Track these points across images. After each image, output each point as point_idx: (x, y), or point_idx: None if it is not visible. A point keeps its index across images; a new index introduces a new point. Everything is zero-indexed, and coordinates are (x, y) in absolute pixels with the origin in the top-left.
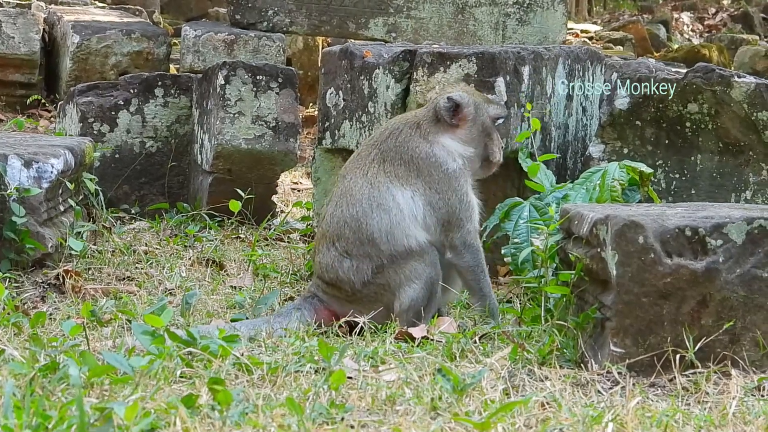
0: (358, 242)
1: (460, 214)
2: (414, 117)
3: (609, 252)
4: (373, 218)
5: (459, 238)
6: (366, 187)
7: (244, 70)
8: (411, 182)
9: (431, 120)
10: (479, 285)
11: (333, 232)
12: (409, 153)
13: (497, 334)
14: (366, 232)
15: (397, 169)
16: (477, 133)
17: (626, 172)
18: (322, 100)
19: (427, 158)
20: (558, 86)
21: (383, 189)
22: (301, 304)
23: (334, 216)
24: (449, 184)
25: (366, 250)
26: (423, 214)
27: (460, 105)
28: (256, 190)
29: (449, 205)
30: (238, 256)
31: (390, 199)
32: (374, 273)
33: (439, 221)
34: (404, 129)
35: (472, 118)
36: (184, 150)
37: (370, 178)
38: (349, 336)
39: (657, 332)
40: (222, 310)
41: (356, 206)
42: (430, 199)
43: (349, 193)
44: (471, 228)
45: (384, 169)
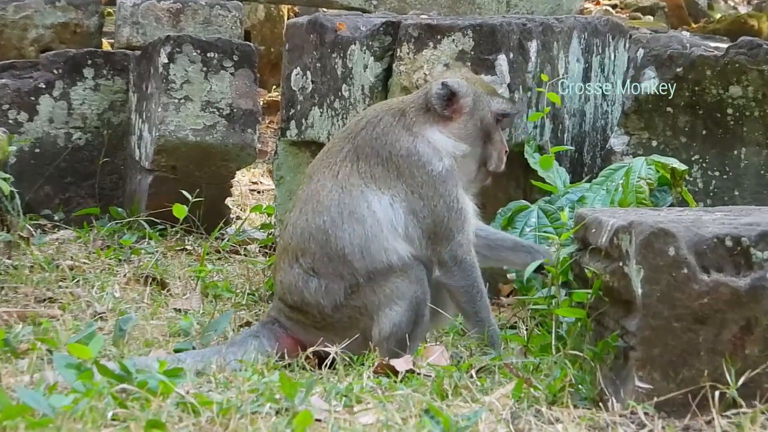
0: (326, 258)
1: (449, 223)
2: (399, 103)
3: (633, 266)
4: (344, 230)
5: (448, 252)
6: (336, 191)
7: (193, 46)
8: (390, 185)
9: (420, 108)
10: (474, 308)
11: (296, 245)
12: (388, 148)
13: (498, 366)
14: (335, 246)
15: (374, 168)
16: (473, 130)
17: (655, 169)
18: (286, 82)
19: (408, 155)
20: (572, 65)
21: (356, 194)
22: (260, 331)
23: (297, 226)
24: (434, 189)
25: (336, 268)
26: (405, 225)
27: (457, 93)
28: (207, 192)
29: (435, 214)
30: (183, 273)
31: (364, 206)
32: (348, 294)
33: (425, 233)
34: (384, 118)
35: (469, 111)
36: (119, 143)
37: (342, 180)
38: (318, 369)
39: (691, 364)
40: (164, 338)
41: (323, 215)
42: (412, 207)
43: (316, 198)
44: (463, 240)
45: (358, 169)
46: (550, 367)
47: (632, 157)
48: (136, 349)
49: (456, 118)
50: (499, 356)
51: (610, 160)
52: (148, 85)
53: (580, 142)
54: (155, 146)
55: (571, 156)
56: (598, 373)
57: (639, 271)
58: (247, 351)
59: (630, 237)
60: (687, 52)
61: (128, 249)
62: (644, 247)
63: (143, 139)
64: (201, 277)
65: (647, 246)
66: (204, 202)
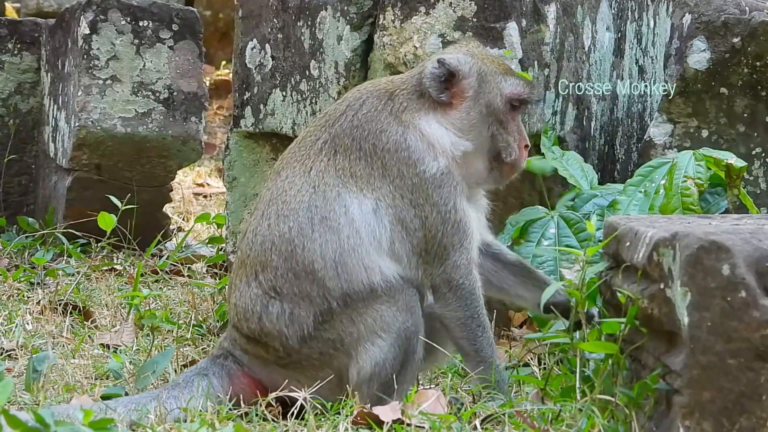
0: (292, 275)
1: (443, 239)
2: (387, 84)
3: (678, 289)
4: (314, 240)
5: (441, 274)
6: (307, 190)
7: (121, 13)
8: (374, 186)
9: (412, 92)
10: (475, 345)
11: (255, 258)
12: (371, 139)
13: (508, 415)
14: (302, 260)
15: (354, 164)
16: (478, 119)
17: (706, 165)
18: (239, 57)
19: (396, 149)
20: (601, 35)
21: (331, 195)
22: (209, 368)
23: (257, 233)
24: (427, 194)
25: (304, 288)
26: (390, 237)
27: (457, 73)
28: (140, 197)
29: (427, 227)
30: (112, 299)
31: (341, 211)
32: (318, 323)
33: (415, 249)
34: (368, 101)
35: (473, 94)
36: (29, 136)
37: (314, 177)
38: (283, 419)
39: (751, 411)
40: (88, 382)
41: (289, 220)
42: (401, 215)
43: (282, 198)
44: (460, 260)
45: (335, 165)
46: (573, 415)
47: (677, 150)
48: (55, 396)
49: (456, 105)
50: (510, 402)
51: (648, 154)
52: (65, 62)
53: (611, 132)
54: (75, 140)
55: (599, 150)
56: (634, 423)
57: (685, 294)
58: (193, 396)
59: (674, 252)
60: (746, 17)
61: (42, 269)
62: (691, 265)
63: (59, 130)
64: (134, 305)
65: (695, 263)
66: (137, 209)
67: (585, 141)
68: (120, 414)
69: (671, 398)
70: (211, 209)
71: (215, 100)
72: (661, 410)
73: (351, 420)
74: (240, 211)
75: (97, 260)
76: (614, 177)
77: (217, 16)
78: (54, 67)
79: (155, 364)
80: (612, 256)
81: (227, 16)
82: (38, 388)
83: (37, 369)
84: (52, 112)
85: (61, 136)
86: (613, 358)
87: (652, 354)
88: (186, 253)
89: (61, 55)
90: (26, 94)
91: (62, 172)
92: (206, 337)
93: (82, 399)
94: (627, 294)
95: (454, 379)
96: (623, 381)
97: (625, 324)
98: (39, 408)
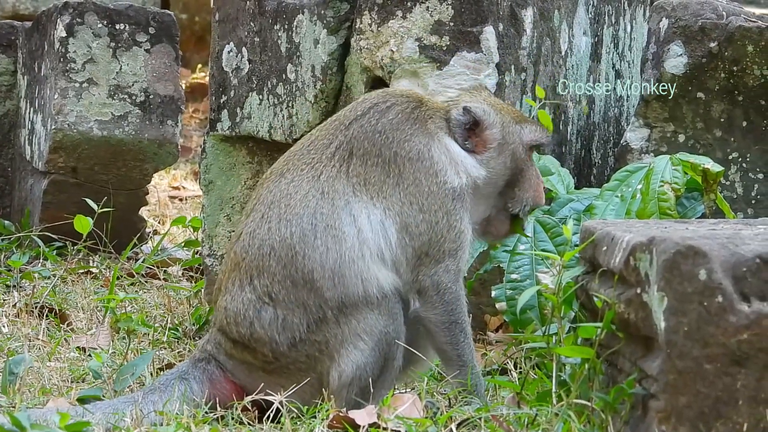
0: (290, 283)
1: (445, 244)
2: (418, 94)
3: (655, 294)
4: (316, 247)
5: (432, 276)
6: (314, 195)
7: (97, 16)
8: (385, 194)
9: (442, 116)
10: (457, 350)
11: (252, 261)
12: (393, 147)
13: (484, 419)
14: (302, 267)
15: (370, 170)
16: (501, 168)
17: (682, 170)
18: (216, 61)
19: (419, 159)
20: (578, 39)
21: (339, 203)
22: (189, 372)
23: (255, 236)
24: (442, 203)
25: (300, 297)
26: (395, 246)
27: (482, 122)
28: (116, 200)
29: (434, 231)
30: (88, 302)
31: (347, 220)
32: (311, 329)
33: (416, 253)
34: (396, 106)
35: (498, 145)
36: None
37: (324, 183)
38: (259, 423)
39: (728, 416)
40: (65, 385)
41: (292, 224)
42: (406, 220)
43: (285, 201)
44: (452, 266)
45: (348, 170)
46: (549, 420)
47: (653, 155)
48: (31, 399)
49: (481, 152)
50: (486, 406)
51: (625, 159)
52: (42, 65)
53: (587, 137)
54: (51, 143)
55: (576, 154)
56: (611, 427)
57: (662, 299)
58: (170, 399)
59: (650, 257)
60: (723, 22)
61: (18, 272)
62: (668, 270)
63: (35, 133)
64: (110, 308)
65: (672, 268)
66: (113, 213)
67: (561, 145)
68: (96, 418)
69: (647, 403)
70: (187, 212)
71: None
72: (638, 415)
73: (327, 424)
74: (216, 215)
75: (73, 263)
76: (591, 181)
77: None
78: (30, 70)
79: (133, 368)
80: (588, 261)
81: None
82: (14, 391)
83: (13, 372)
84: (29, 115)
85: (37, 139)
86: (589, 362)
87: (629, 359)
88: (162, 256)
89: (37, 57)
90: (2, 97)
91: (38, 174)
92: (182, 341)
93: (58, 402)
94: (603, 298)
95: (430, 384)
96: (600, 385)
97: (602, 329)
98: (15, 411)
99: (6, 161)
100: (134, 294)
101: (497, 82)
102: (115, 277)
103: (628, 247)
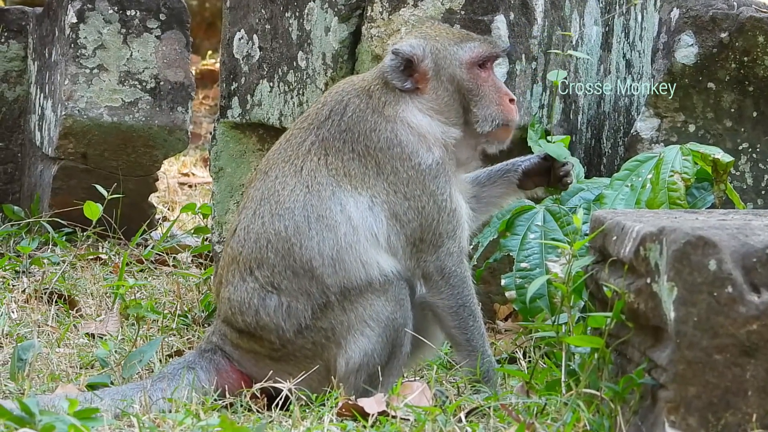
0: (290, 272)
1: (440, 227)
2: (362, 81)
3: (664, 284)
4: (311, 238)
5: (435, 261)
6: (301, 190)
7: (108, 2)
8: (369, 184)
9: (383, 84)
10: (466, 335)
11: (249, 254)
12: (363, 141)
13: (493, 408)
14: (300, 257)
15: (348, 164)
16: (448, 95)
17: (692, 161)
18: (227, 48)
19: (389, 146)
20: (588, 28)
21: (326, 194)
22: (196, 362)
23: (250, 231)
24: (423, 185)
25: (302, 284)
26: (386, 232)
27: (413, 58)
28: (126, 187)
29: (424, 216)
30: (97, 288)
31: (337, 209)
32: (316, 315)
33: (409, 240)
34: (351, 101)
35: (434, 74)
36: (15, 124)
37: (307, 177)
38: (268, 410)
39: (737, 406)
40: (74, 371)
41: (285, 218)
42: (395, 209)
43: (275, 198)
44: (454, 248)
45: (327, 164)
46: (559, 409)
47: (663, 145)
48: (40, 385)
49: (423, 88)
50: (495, 395)
51: (635, 149)
52: (52, 50)
53: (597, 126)
54: (61, 128)
55: (586, 144)
56: (620, 417)
57: (671, 289)
58: (178, 387)
59: (660, 247)
60: (734, 12)
61: (27, 258)
62: (678, 260)
63: (46, 119)
64: (119, 294)
65: (682, 258)
66: (123, 199)
67: (572, 135)
68: (105, 404)
69: (657, 393)
70: (196, 199)
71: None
72: (647, 405)
73: (336, 411)
74: (226, 202)
75: (83, 249)
76: (601, 171)
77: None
78: (41, 56)
79: (142, 354)
80: (598, 250)
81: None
82: (23, 377)
83: (22, 358)
84: (39, 101)
85: (47, 125)
86: (598, 352)
87: (638, 349)
88: (171, 242)
89: (48, 43)
90: (13, 83)
91: (48, 160)
92: (191, 327)
93: (67, 388)
94: (613, 288)
95: (440, 372)
96: (609, 375)
97: (611, 318)
98: (24, 397)
99: (16, 147)
100: (143, 280)
101: (508, 71)
102: (125, 263)
103: (638, 237)
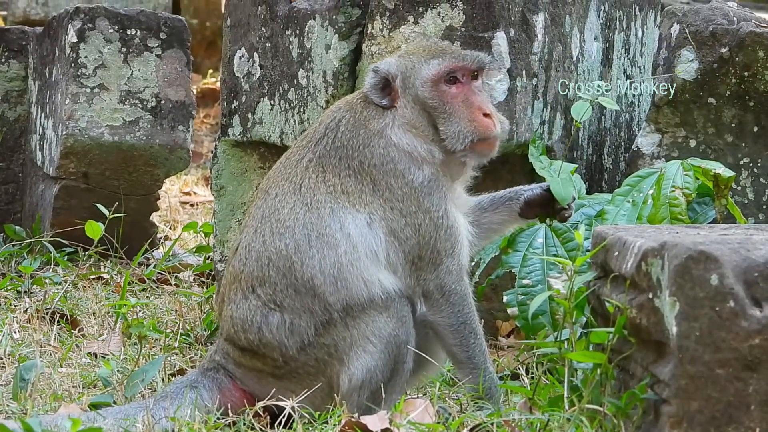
0: (292, 290)
1: (438, 244)
2: (353, 98)
3: (666, 299)
4: (312, 256)
5: (434, 280)
6: (300, 209)
7: (108, 21)
8: (366, 201)
9: (369, 101)
10: (467, 352)
11: (251, 273)
12: (357, 155)
13: (496, 424)
14: (302, 275)
15: (345, 181)
16: (416, 113)
17: (694, 175)
18: (227, 66)
19: (383, 162)
20: (589, 44)
21: (325, 212)
22: (199, 380)
23: (251, 249)
24: (418, 202)
25: (305, 302)
26: (386, 249)
27: (388, 76)
28: (127, 206)
29: (420, 233)
30: (99, 308)
31: (336, 227)
32: (318, 332)
33: (408, 258)
34: (343, 117)
35: (403, 93)
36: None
37: (306, 195)
38: (271, 429)
39: (740, 421)
40: (76, 391)
41: (285, 237)
42: (392, 226)
43: (275, 216)
44: (453, 265)
45: (325, 182)
46: (562, 425)
47: (665, 160)
48: (43, 405)
49: (397, 104)
50: (498, 412)
51: (636, 164)
52: (53, 70)
53: (599, 142)
54: (62, 148)
55: (587, 159)
56: None
57: (673, 304)
58: (181, 406)
59: (662, 262)
60: (734, 27)
61: (29, 278)
62: (680, 275)
63: (47, 139)
64: (121, 314)
65: (684, 273)
66: (124, 218)
67: (573, 150)
68: (108, 424)
69: (659, 408)
70: (198, 218)
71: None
72: (650, 420)
73: (339, 429)
74: (227, 220)
75: (85, 269)
76: (602, 187)
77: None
78: (41, 75)
79: (144, 373)
80: (600, 266)
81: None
82: (26, 397)
83: (24, 378)
84: (40, 121)
85: (48, 145)
86: (601, 367)
87: (641, 364)
88: (173, 261)
89: (48, 63)
90: (13, 102)
91: (49, 180)
92: (194, 346)
93: (70, 408)
94: (615, 304)
95: (442, 389)
96: (611, 391)
97: (614, 334)
98: (27, 417)
99: (17, 167)
100: (145, 300)
101: (508, 88)
102: (127, 282)
103: (639, 252)
